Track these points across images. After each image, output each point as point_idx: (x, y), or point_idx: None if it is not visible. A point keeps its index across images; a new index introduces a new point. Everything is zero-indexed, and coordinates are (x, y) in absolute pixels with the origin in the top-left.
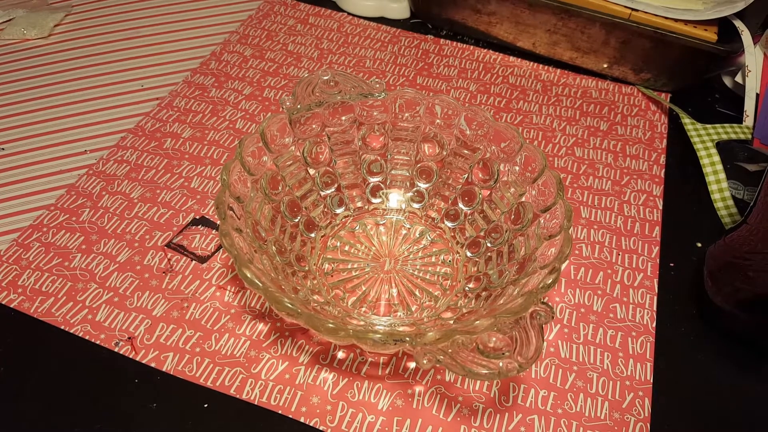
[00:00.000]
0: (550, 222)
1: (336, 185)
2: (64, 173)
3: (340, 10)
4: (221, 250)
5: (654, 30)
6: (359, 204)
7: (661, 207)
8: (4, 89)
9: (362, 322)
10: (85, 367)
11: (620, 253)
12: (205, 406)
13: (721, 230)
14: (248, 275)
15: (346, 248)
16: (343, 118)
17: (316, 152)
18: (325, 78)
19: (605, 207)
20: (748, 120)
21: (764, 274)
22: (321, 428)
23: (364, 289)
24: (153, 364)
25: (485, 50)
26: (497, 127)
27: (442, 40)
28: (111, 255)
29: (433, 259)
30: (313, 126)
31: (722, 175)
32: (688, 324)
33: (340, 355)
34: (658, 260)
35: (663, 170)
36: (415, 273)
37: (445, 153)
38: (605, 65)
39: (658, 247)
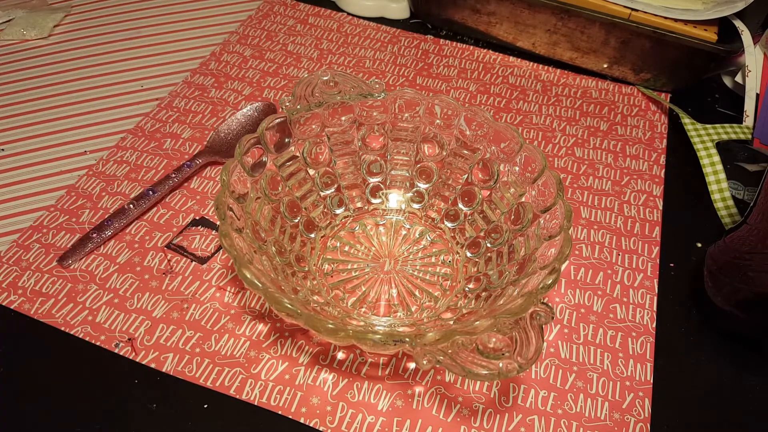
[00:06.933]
0: (550, 222)
1: (336, 186)
2: (64, 174)
3: (339, 10)
4: (221, 250)
5: (654, 30)
6: (359, 204)
7: (661, 207)
8: (4, 90)
9: (362, 323)
10: (86, 369)
11: (620, 253)
12: (205, 406)
13: (721, 230)
14: (248, 276)
15: (346, 249)
16: (343, 118)
17: (316, 152)
18: (325, 78)
19: (605, 207)
20: (748, 120)
21: (764, 274)
22: (321, 429)
23: (363, 289)
24: (153, 365)
25: (485, 50)
26: (497, 127)
27: (441, 40)
28: (111, 256)
29: (433, 259)
30: (313, 126)
31: (722, 175)
32: (688, 324)
33: (340, 355)
34: (658, 260)
35: (663, 170)
36: (415, 273)
37: (444, 153)
38: (605, 65)
39: (658, 248)
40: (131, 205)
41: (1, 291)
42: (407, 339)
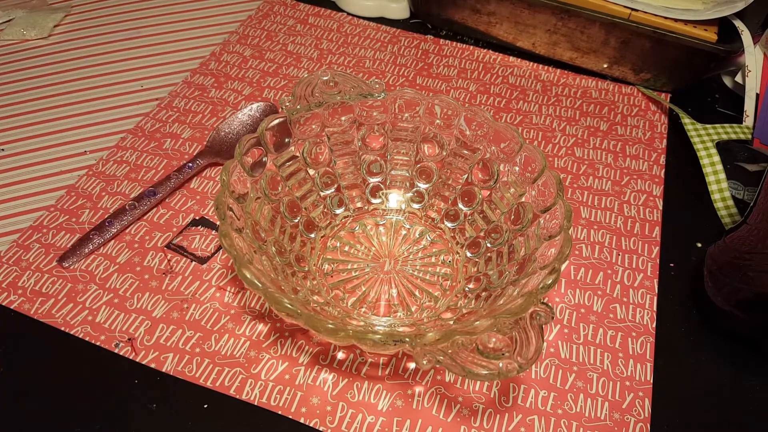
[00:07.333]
0: (550, 222)
1: (336, 186)
2: (64, 174)
3: (339, 10)
4: (221, 250)
5: (654, 30)
6: (359, 204)
7: (661, 207)
8: (4, 90)
9: (362, 323)
10: (86, 369)
11: (620, 253)
12: (205, 406)
13: (721, 230)
14: (248, 276)
15: (346, 249)
16: (343, 118)
17: (316, 152)
18: (325, 78)
19: (605, 207)
20: (748, 120)
21: (764, 274)
22: (321, 429)
23: (363, 289)
24: (153, 365)
25: (485, 50)
26: (497, 127)
27: (441, 40)
28: (111, 256)
29: (433, 259)
30: (313, 126)
31: (722, 175)
32: (688, 324)
33: (340, 355)
34: (658, 260)
35: (663, 170)
36: (415, 273)
37: (444, 153)
38: (605, 65)
39: (658, 248)
40: (131, 206)
41: (1, 291)
42: (407, 339)
